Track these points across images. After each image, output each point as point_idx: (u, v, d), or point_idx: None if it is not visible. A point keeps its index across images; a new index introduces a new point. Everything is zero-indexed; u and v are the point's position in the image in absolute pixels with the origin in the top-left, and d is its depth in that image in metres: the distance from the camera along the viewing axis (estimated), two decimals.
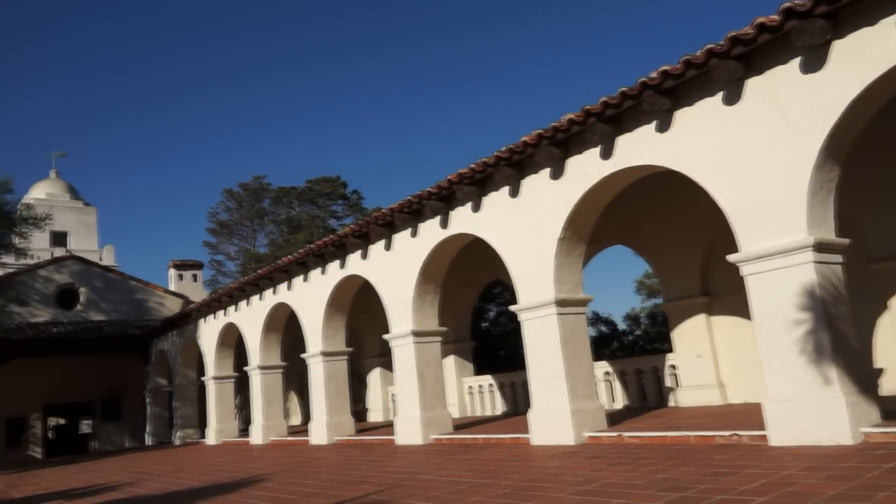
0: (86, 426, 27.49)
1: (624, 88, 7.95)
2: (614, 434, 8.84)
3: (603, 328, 30.75)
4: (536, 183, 9.77)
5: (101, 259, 31.33)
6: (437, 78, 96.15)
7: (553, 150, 9.19)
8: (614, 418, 10.49)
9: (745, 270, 7.30)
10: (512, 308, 10.37)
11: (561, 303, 9.47)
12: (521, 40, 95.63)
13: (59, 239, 31.66)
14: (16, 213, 18.99)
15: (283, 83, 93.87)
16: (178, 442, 22.90)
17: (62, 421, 28.00)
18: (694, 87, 7.71)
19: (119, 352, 25.90)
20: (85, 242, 32.50)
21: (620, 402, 14.01)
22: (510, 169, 9.92)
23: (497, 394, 16.88)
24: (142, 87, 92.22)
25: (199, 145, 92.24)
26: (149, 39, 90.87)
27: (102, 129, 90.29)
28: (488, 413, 16.96)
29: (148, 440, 25.30)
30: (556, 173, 9.42)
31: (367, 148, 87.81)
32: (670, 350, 13.52)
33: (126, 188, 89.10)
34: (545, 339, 9.58)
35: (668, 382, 13.24)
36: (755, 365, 11.45)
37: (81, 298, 27.05)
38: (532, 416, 9.71)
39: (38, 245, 26.73)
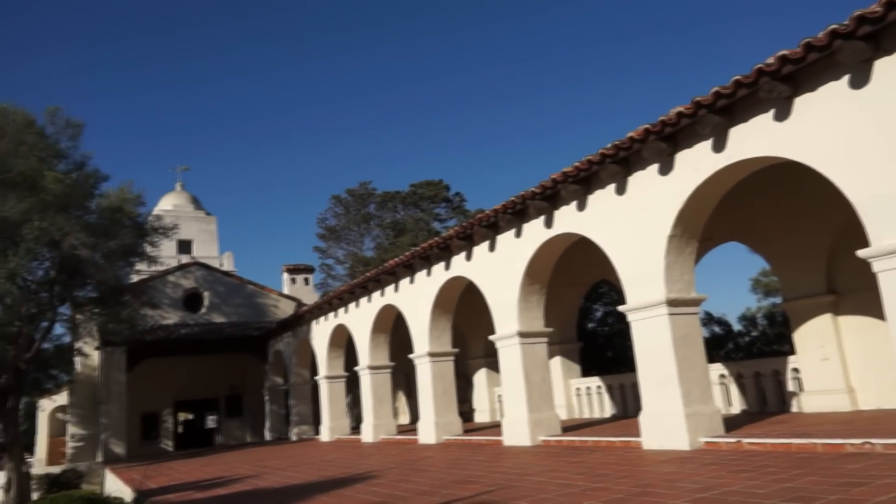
0: (211, 421, 29.39)
1: (738, 77, 7.59)
2: (733, 440, 8.45)
3: (716, 329, 29.49)
4: (644, 179, 9.51)
5: (221, 265, 33.35)
6: (539, 81, 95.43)
7: (661, 144, 8.91)
8: (732, 423, 10.03)
9: (876, 266, 6.78)
10: (620, 308, 10.13)
11: (672, 303, 9.16)
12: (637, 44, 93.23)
13: (183, 247, 33.98)
14: (147, 224, 20.56)
15: (386, 91, 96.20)
16: (294, 438, 23.97)
17: (190, 416, 30.06)
18: (816, 72, 7.25)
19: (239, 351, 27.50)
20: (207, 249, 34.70)
21: (738, 406, 13.36)
22: (616, 166, 9.70)
23: (605, 396, 16.55)
24: (254, 102, 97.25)
25: (309, 154, 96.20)
26: (262, 53, 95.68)
27: (220, 142, 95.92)
28: (596, 415, 16.65)
29: (267, 435, 26.63)
30: (665, 169, 9.12)
31: (469, 150, 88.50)
32: (791, 352, 12.77)
33: (241, 198, 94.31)
34: (656, 341, 9.29)
35: (791, 387, 12.49)
36: (889, 369, 10.69)
37: (205, 302, 28.86)
38: (643, 419, 9.45)
39: (166, 253, 28.70)
